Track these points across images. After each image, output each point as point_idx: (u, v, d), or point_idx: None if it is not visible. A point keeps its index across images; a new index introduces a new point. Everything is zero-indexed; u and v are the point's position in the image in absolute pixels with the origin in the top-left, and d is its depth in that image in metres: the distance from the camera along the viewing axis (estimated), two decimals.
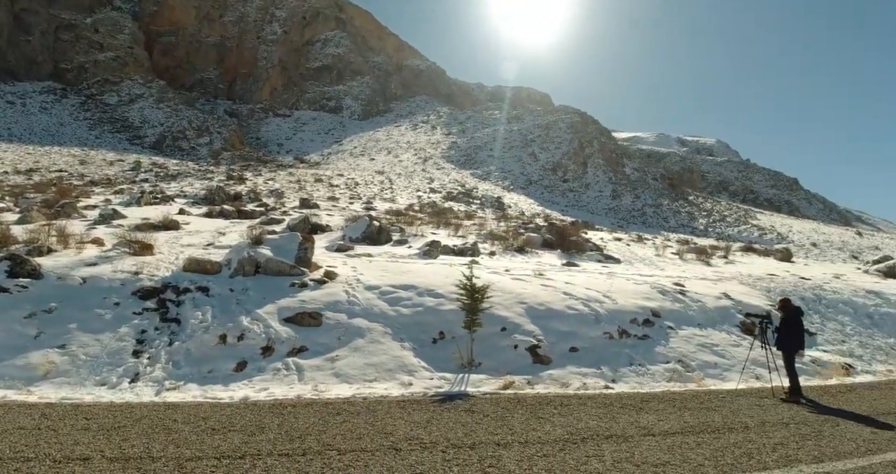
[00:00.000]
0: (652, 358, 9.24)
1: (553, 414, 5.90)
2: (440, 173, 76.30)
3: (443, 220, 27.65)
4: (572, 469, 4.11)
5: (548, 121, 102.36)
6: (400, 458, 4.15)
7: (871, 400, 7.43)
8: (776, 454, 4.74)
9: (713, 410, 6.46)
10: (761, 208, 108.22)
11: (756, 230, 73.99)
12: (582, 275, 13.93)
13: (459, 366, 8.05)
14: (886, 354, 11.56)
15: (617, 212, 78.44)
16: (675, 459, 4.47)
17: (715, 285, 13.96)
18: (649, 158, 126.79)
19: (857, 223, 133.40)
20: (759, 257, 27.88)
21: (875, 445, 5.14)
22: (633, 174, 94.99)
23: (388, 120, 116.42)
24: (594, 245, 23.68)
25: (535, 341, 8.87)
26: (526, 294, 10.48)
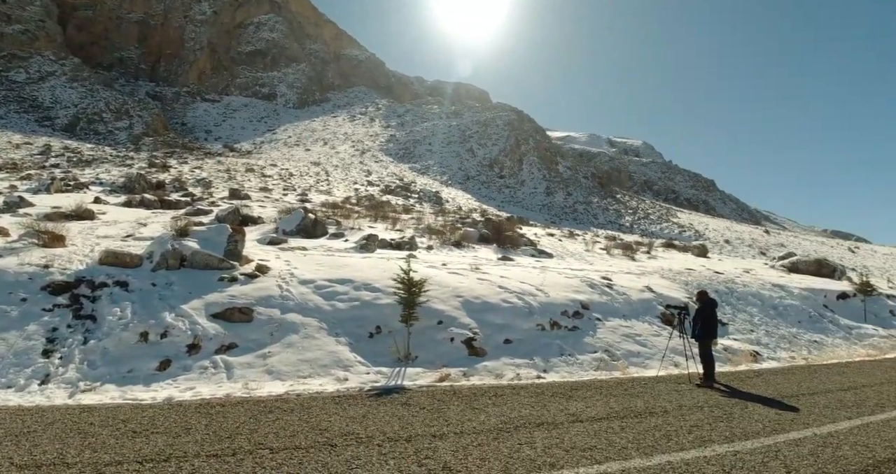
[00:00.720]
0: (581, 348, 9.68)
1: (488, 404, 6.05)
2: (378, 166, 75.56)
3: (380, 214, 27.44)
4: (505, 456, 4.25)
5: (486, 117, 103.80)
6: (335, 454, 4.13)
7: (775, 385, 8.16)
8: (692, 435, 5.13)
9: (636, 396, 6.87)
10: (681, 207, 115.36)
11: (676, 227, 78.84)
12: (516, 269, 14.30)
13: (396, 360, 8.07)
14: (789, 342, 12.72)
15: (550, 209, 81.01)
16: (602, 443, 4.73)
17: (639, 279, 14.77)
18: (581, 157, 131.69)
19: (766, 222, 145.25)
20: (679, 253, 29.79)
21: (779, 425, 5.66)
22: (565, 172, 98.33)
23: (325, 110, 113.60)
24: (528, 240, 24.36)
25: (470, 334, 9.04)
26: (462, 288, 10.64)
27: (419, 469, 3.89)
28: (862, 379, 8.87)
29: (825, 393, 7.49)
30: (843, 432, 5.41)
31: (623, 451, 4.53)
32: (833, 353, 12.39)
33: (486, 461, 4.12)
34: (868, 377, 9.10)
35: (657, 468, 4.14)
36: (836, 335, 14.15)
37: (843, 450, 4.77)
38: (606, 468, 4.09)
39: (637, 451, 4.54)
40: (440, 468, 3.93)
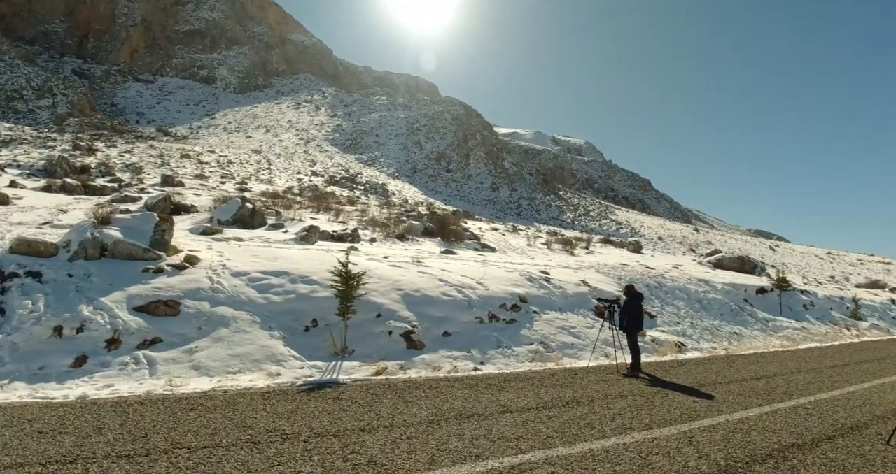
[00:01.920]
0: (518, 340, 9.87)
1: (421, 397, 6.05)
2: (323, 156, 73.92)
3: (324, 205, 26.88)
4: (433, 449, 4.26)
5: (434, 111, 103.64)
6: (258, 451, 4.00)
7: (696, 374, 8.64)
8: (614, 423, 5.34)
9: (566, 386, 7.08)
10: (620, 205, 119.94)
11: (614, 224, 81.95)
12: (458, 262, 14.39)
13: (332, 354, 7.93)
14: (712, 334, 13.50)
15: (495, 204, 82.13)
16: (528, 433, 4.83)
17: (576, 273, 15.23)
18: (527, 154, 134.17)
19: (696, 221, 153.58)
20: (615, 249, 30.98)
21: (696, 412, 5.99)
22: (511, 168, 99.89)
23: (268, 96, 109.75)
24: (472, 234, 24.59)
25: (409, 327, 9.01)
26: (403, 281, 10.59)
27: (344, 464, 3.83)
28: (774, 368, 9.54)
29: (740, 382, 8.00)
30: (753, 418, 5.80)
31: (548, 440, 4.64)
32: (751, 344, 13.27)
33: (412, 454, 4.11)
34: (780, 366, 9.80)
35: (578, 456, 4.27)
36: (754, 327, 15.16)
37: (752, 436, 5.10)
38: (530, 457, 4.18)
39: (561, 440, 4.67)
40: (365, 462, 3.89)
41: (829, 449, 4.78)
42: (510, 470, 3.87)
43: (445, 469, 3.84)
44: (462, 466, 3.91)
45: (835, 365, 10.18)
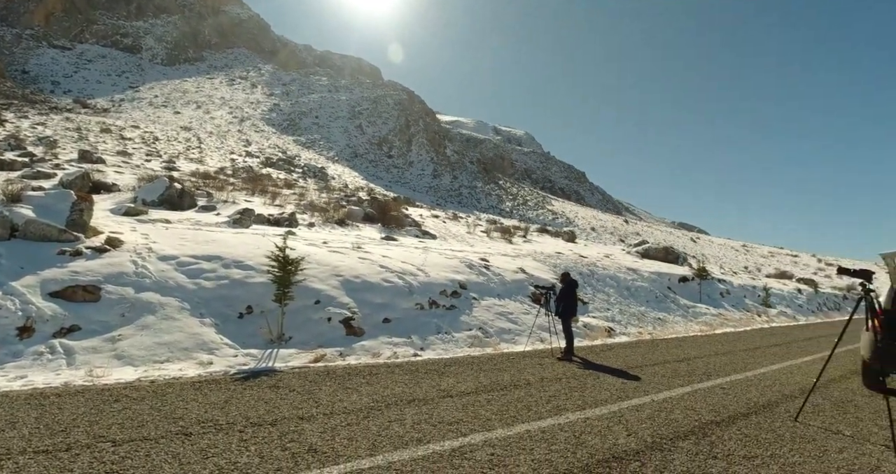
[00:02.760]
0: (457, 326, 9.99)
1: (361, 383, 6.01)
2: (259, 136, 70.96)
3: (259, 187, 25.89)
4: (374, 434, 4.24)
5: (377, 94, 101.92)
6: (190, 443, 3.82)
7: (624, 357, 9.09)
8: (549, 405, 5.53)
9: (504, 370, 7.26)
10: (556, 196, 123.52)
11: (551, 214, 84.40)
12: (399, 249, 14.32)
13: (268, 342, 7.70)
14: (639, 319, 14.25)
15: (437, 191, 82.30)
16: (468, 416, 4.92)
17: (514, 261, 15.57)
18: (468, 143, 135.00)
19: (626, 212, 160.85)
20: (551, 238, 31.92)
21: (625, 393, 6.31)
22: (453, 156, 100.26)
23: (199, 70, 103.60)
24: (413, 221, 24.53)
25: (349, 313, 8.89)
26: (343, 266, 10.42)
27: (282, 453, 3.74)
28: (694, 351, 10.22)
29: (664, 364, 8.50)
30: (676, 398, 6.19)
31: (487, 423, 4.74)
32: (673, 329, 14.14)
33: (353, 440, 4.07)
34: (699, 350, 10.51)
35: (517, 437, 4.39)
36: (676, 313, 16.14)
37: (675, 414, 5.44)
38: (471, 440, 4.26)
39: (500, 422, 4.78)
40: (305, 450, 3.81)
41: (744, 425, 5.19)
42: (451, 453, 3.92)
43: (387, 454, 3.83)
44: (404, 451, 3.92)
45: (748, 349, 11.04)
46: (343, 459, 3.69)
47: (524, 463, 3.82)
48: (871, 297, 5.38)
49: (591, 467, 3.83)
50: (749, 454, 4.31)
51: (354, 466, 3.58)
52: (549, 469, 3.75)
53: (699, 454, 4.24)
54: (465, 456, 3.89)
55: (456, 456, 3.88)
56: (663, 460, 4.06)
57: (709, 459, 4.13)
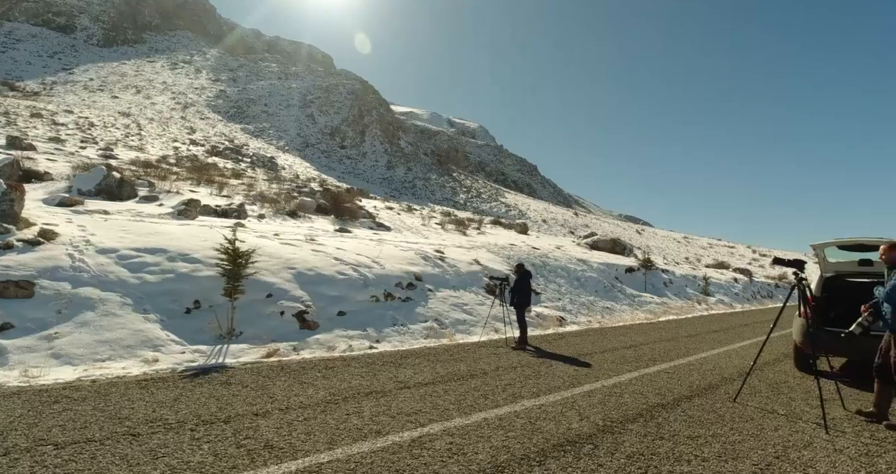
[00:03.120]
0: (413, 318, 10.00)
1: (317, 377, 5.92)
2: (204, 124, 68.08)
3: (205, 177, 24.90)
4: (332, 428, 4.20)
5: (329, 83, 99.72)
6: (138, 444, 3.66)
7: (575, 345, 9.37)
8: (506, 393, 5.64)
9: (460, 361, 7.34)
10: (509, 188, 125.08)
11: (504, 206, 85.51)
12: (353, 240, 14.16)
13: (218, 337, 7.45)
14: (588, 308, 14.69)
15: (391, 183, 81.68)
16: (427, 407, 4.94)
17: (468, 252, 15.71)
18: (422, 134, 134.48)
19: (576, 205, 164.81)
20: (504, 230, 32.36)
21: (577, 380, 6.51)
22: (407, 148, 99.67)
23: (139, 52, 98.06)
24: (367, 212, 24.27)
25: (302, 306, 8.73)
26: (296, 259, 10.20)
27: (237, 450, 3.64)
28: (640, 338, 10.65)
29: (613, 351, 8.82)
30: (624, 383, 6.44)
31: (445, 413, 4.79)
32: (620, 317, 14.67)
33: (311, 435, 4.02)
34: (645, 336, 10.96)
35: (475, 425, 4.46)
36: (623, 302, 16.75)
37: (625, 398, 5.67)
38: (429, 430, 4.28)
39: (458, 412, 4.84)
40: (261, 447, 3.73)
41: (688, 407, 5.47)
42: (410, 444, 3.94)
43: (346, 447, 3.80)
44: (363, 443, 3.90)
45: (690, 335, 11.61)
46: (301, 454, 3.63)
47: (482, 451, 3.89)
48: (804, 285, 5.76)
49: (547, 451, 3.94)
50: (693, 434, 4.55)
51: (313, 461, 3.53)
52: (507, 455, 3.83)
53: (647, 435, 4.44)
54: (424, 446, 3.91)
55: (415, 447, 3.90)
56: (614, 442, 4.23)
57: (656, 440, 4.33)
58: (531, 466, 3.65)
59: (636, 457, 3.91)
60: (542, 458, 3.80)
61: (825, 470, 3.85)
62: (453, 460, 3.69)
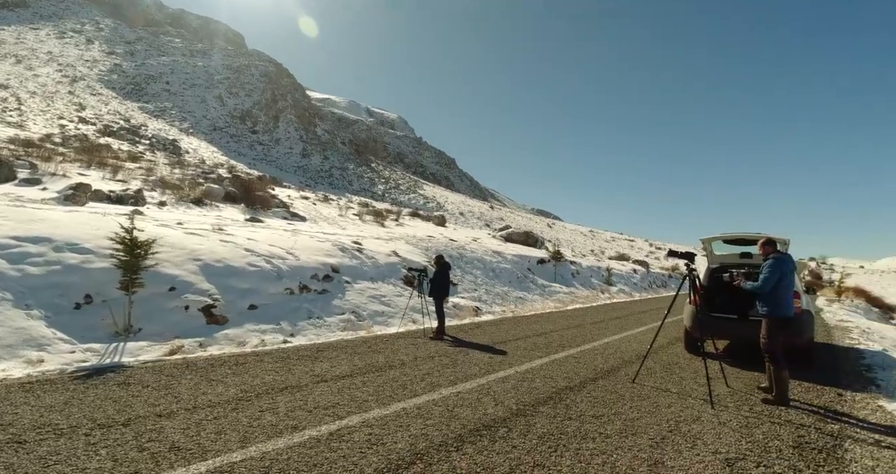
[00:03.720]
0: (329, 310, 9.82)
1: (227, 374, 5.66)
2: (96, 101, 61.81)
3: (97, 160, 22.71)
4: (245, 426, 4.05)
5: (240, 64, 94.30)
6: (25, 452, 3.31)
7: (490, 333, 9.67)
8: (424, 382, 5.72)
9: (378, 352, 7.33)
10: (427, 180, 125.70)
11: (422, 199, 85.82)
12: (266, 231, 13.60)
13: (113, 334, 6.88)
14: (502, 299, 15.19)
15: (306, 171, 79.05)
16: (344, 399, 4.90)
17: (387, 244, 15.65)
18: (340, 122, 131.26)
19: (492, 199, 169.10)
20: (423, 222, 32.54)
21: (491, 367, 6.73)
22: (324, 135, 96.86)
23: (20, 17, 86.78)
24: (281, 202, 23.39)
25: (210, 300, 8.27)
26: (202, 250, 9.62)
27: (140, 454, 3.40)
28: (550, 326, 11.20)
29: (525, 339, 9.22)
30: (536, 368, 6.76)
31: (364, 404, 4.78)
32: (532, 306, 15.33)
33: (222, 434, 3.85)
34: (554, 324, 11.54)
35: (394, 415, 4.49)
36: (534, 292, 17.51)
37: (536, 383, 5.96)
38: (348, 422, 4.26)
39: (377, 403, 4.85)
40: (166, 449, 3.51)
41: (593, 388, 5.87)
42: (329, 437, 3.89)
43: (260, 445, 3.68)
44: (278, 440, 3.79)
45: (594, 322, 12.39)
46: (212, 454, 3.47)
47: (402, 440, 3.93)
48: (694, 276, 6.35)
49: (464, 437, 4.07)
50: (597, 413, 4.89)
51: (225, 460, 3.39)
52: (426, 442, 3.91)
53: (556, 416, 4.72)
54: (342, 439, 3.89)
55: (334, 440, 3.86)
56: (527, 424, 4.45)
57: (565, 420, 4.61)
58: (449, 452, 3.75)
59: (547, 437, 4.15)
60: (459, 444, 3.92)
61: (711, 441, 4.30)
62: (372, 450, 3.70)
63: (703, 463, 3.81)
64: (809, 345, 7.70)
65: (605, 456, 3.84)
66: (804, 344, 7.49)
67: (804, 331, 7.37)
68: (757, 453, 4.07)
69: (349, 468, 3.41)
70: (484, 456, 3.72)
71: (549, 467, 3.59)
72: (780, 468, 3.81)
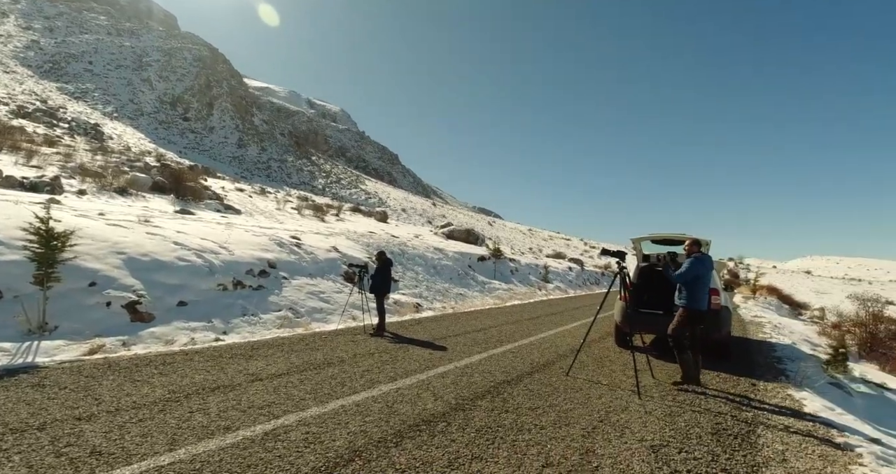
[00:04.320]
0: (265, 307, 9.53)
1: (153, 374, 5.38)
2: (9, 79, 56.56)
3: (8, 143, 20.83)
4: (173, 427, 3.87)
5: (171, 46, 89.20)
6: None
7: (431, 330, 9.72)
8: (363, 379, 5.69)
9: (316, 349, 7.20)
10: (370, 176, 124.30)
11: (364, 194, 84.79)
12: (198, 223, 12.99)
13: (26, 333, 6.36)
14: (443, 295, 15.30)
15: (242, 162, 76.08)
16: (281, 398, 4.79)
17: (327, 239, 15.36)
18: (279, 113, 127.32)
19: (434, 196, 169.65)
20: (364, 217, 32.20)
21: (431, 362, 6.79)
22: (261, 126, 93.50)
23: None
24: (214, 193, 22.42)
25: (134, 296, 7.81)
26: (127, 243, 9.06)
27: (57, 460, 3.18)
28: (489, 322, 11.41)
29: (465, 334, 9.35)
30: (475, 363, 6.88)
31: (301, 403, 4.69)
32: (472, 303, 15.55)
33: (148, 437, 3.66)
34: (493, 320, 11.77)
35: (332, 413, 4.45)
36: (474, 289, 17.76)
37: (475, 377, 6.07)
38: (284, 421, 4.17)
39: (314, 401, 4.77)
40: (87, 454, 3.30)
41: (529, 382, 6.05)
42: (264, 437, 3.80)
43: (190, 447, 3.54)
44: (209, 441, 3.66)
45: (531, 318, 12.74)
46: (137, 458, 3.30)
47: (340, 437, 3.90)
48: (624, 273, 6.68)
49: (403, 432, 4.09)
50: (533, 405, 5.06)
51: (152, 464, 3.24)
52: (365, 439, 3.90)
53: (494, 409, 4.83)
54: (278, 438, 3.80)
55: (269, 440, 3.77)
56: (465, 418, 4.53)
57: (502, 413, 4.74)
58: (388, 448, 3.76)
59: (485, 430, 4.25)
60: (399, 439, 3.94)
61: (638, 430, 4.55)
62: (310, 449, 3.65)
63: (631, 451, 4.03)
64: (727, 339, 8.30)
65: (540, 447, 3.98)
66: (722, 337, 8.06)
67: (722, 325, 7.93)
68: (679, 440, 4.36)
69: (285, 468, 3.34)
70: (423, 450, 3.76)
71: (487, 459, 3.68)
72: (699, 453, 4.09)
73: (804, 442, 4.55)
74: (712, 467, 3.86)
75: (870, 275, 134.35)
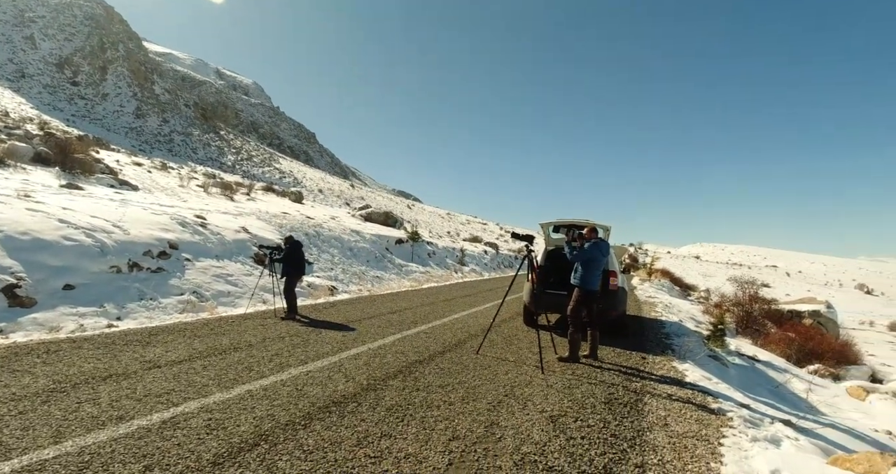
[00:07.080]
0: (166, 290, 8.97)
1: (35, 363, 4.93)
2: None
3: None
4: (59, 419, 3.58)
5: (59, 1, 79.39)
6: None
7: (345, 312, 9.63)
8: (272, 363, 5.55)
9: (222, 334, 6.91)
10: (284, 154, 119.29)
11: (278, 173, 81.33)
12: (87, 200, 11.89)
13: None
14: (359, 278, 15.17)
15: (140, 134, 70.00)
16: (181, 385, 4.57)
17: (236, 219, 14.65)
18: (184, 82, 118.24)
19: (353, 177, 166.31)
20: (277, 197, 30.97)
21: (344, 345, 6.75)
22: (163, 95, 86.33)
23: None
24: (107, 167, 20.55)
25: (12, 279, 7.06)
26: (3, 220, 8.13)
27: None
28: (405, 304, 11.51)
29: (379, 316, 9.37)
30: (388, 345, 6.94)
31: (203, 389, 4.51)
32: (389, 286, 15.57)
33: (29, 430, 3.37)
34: (409, 302, 11.88)
35: (237, 398, 4.32)
36: (392, 271, 17.78)
37: (388, 358, 6.13)
38: (184, 408, 4.00)
39: (218, 387, 4.61)
40: None
41: (441, 361, 6.21)
42: (161, 426, 3.62)
43: (78, 439, 3.30)
44: (100, 432, 3.43)
45: (446, 300, 13.00)
46: (17, 453, 3.04)
47: (245, 422, 3.81)
48: (532, 256, 7.01)
49: (313, 414, 4.07)
50: (443, 383, 5.22)
51: (34, 458, 2.99)
52: (272, 423, 3.84)
53: (405, 388, 4.93)
54: (177, 426, 3.65)
55: (167, 428, 3.61)
56: (376, 398, 4.59)
57: (413, 392, 4.85)
58: (296, 430, 3.74)
59: (395, 408, 4.33)
60: (307, 421, 3.92)
61: (539, 402, 4.85)
62: (212, 435, 3.54)
63: (532, 421, 4.30)
64: (623, 317, 8.99)
65: (448, 422, 4.14)
66: (619, 316, 8.72)
67: (619, 304, 8.58)
68: (575, 410, 4.71)
69: (184, 455, 3.23)
70: (332, 431, 3.77)
71: (396, 436, 3.77)
72: (593, 421, 4.45)
73: (684, 408, 5.08)
74: (603, 433, 4.21)
75: (750, 260, 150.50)
